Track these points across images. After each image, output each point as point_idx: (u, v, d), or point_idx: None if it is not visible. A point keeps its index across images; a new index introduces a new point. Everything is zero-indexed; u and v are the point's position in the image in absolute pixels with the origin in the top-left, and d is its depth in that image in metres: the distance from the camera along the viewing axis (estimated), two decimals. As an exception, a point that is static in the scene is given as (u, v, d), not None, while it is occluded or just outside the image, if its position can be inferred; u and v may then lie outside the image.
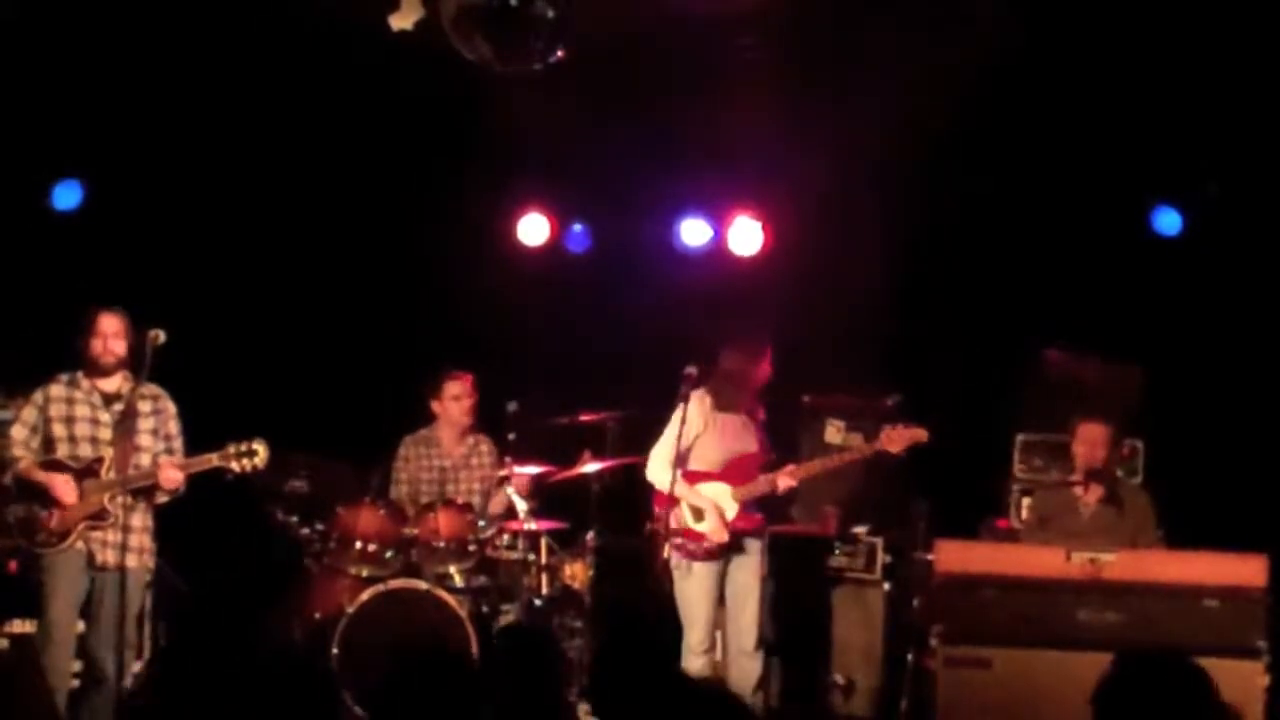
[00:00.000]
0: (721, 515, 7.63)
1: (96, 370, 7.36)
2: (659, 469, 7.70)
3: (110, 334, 7.35)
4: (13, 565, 7.86)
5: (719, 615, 7.78)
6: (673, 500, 7.66)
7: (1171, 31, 8.06)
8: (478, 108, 8.55)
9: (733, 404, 7.75)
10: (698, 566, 7.66)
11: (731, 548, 7.70)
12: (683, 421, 7.59)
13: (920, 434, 7.67)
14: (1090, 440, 7.76)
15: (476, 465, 8.71)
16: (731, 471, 7.72)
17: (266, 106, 9.11)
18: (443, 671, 4.39)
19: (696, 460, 7.73)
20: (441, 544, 8.17)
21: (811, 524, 8.79)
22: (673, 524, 7.64)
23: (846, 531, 8.84)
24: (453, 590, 8.05)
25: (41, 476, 7.25)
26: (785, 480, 7.71)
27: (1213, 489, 8.50)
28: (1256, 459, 8.81)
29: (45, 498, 7.23)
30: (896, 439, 7.67)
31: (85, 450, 7.31)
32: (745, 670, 7.63)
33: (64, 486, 7.23)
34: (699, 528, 7.65)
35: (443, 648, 4.59)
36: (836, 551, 8.85)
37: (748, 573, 7.71)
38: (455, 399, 8.65)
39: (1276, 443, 8.82)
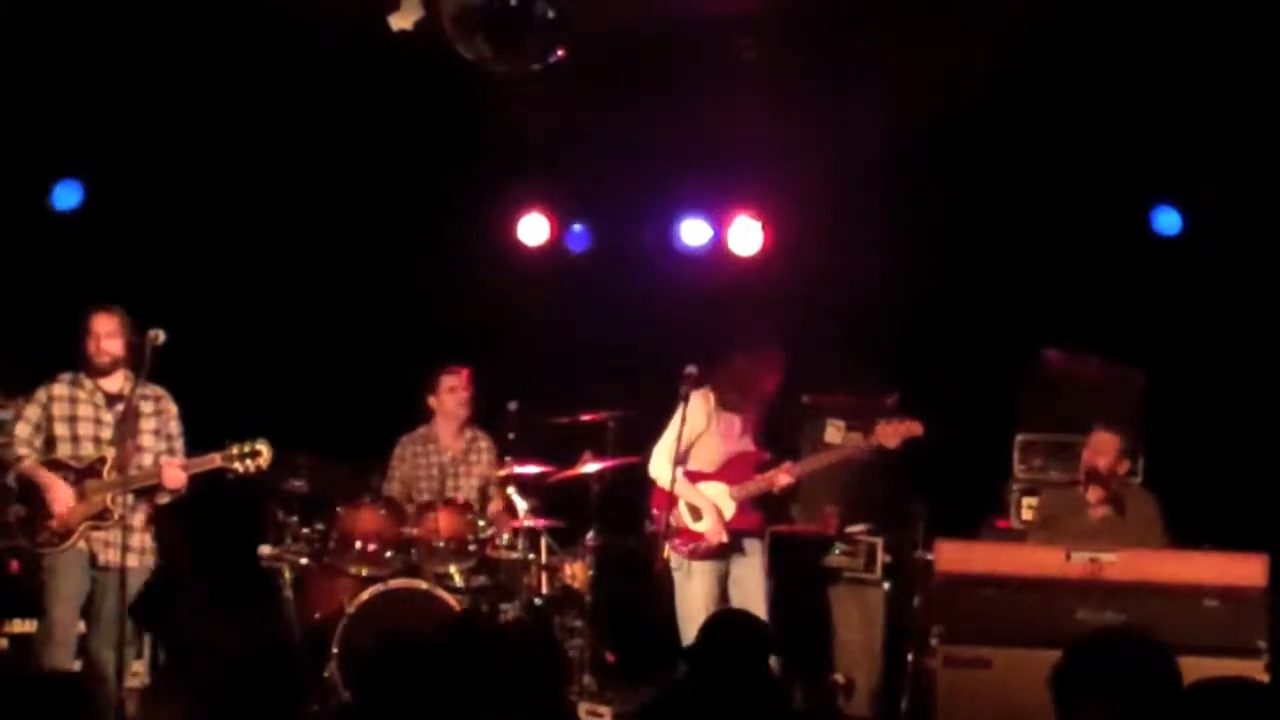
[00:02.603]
0: (720, 515, 7.61)
1: (93, 370, 7.37)
2: (661, 466, 7.69)
3: (104, 334, 7.35)
4: (14, 565, 7.86)
5: None
6: (671, 500, 7.65)
7: (1171, 31, 8.06)
8: (478, 108, 8.55)
9: (736, 405, 7.72)
10: (697, 566, 7.64)
11: (732, 548, 7.68)
12: (683, 420, 7.59)
13: (915, 427, 7.63)
14: (1095, 447, 7.75)
15: (475, 461, 8.71)
16: (729, 471, 7.71)
17: (266, 106, 9.10)
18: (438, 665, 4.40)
19: (696, 460, 7.72)
20: (441, 544, 8.18)
21: (811, 524, 8.79)
22: (671, 524, 7.63)
23: (846, 531, 8.83)
24: (453, 590, 8.06)
25: (43, 477, 7.25)
26: (783, 478, 7.70)
27: (1213, 489, 8.49)
28: (1256, 459, 8.80)
29: (46, 498, 7.23)
30: (891, 433, 7.64)
31: (88, 450, 7.32)
32: None
33: (60, 493, 7.21)
34: (697, 527, 7.64)
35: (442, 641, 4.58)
36: (836, 551, 8.85)
37: (752, 573, 7.68)
38: (451, 391, 8.68)
39: (1276, 443, 8.82)
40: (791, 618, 8.43)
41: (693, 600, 7.59)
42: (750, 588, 7.67)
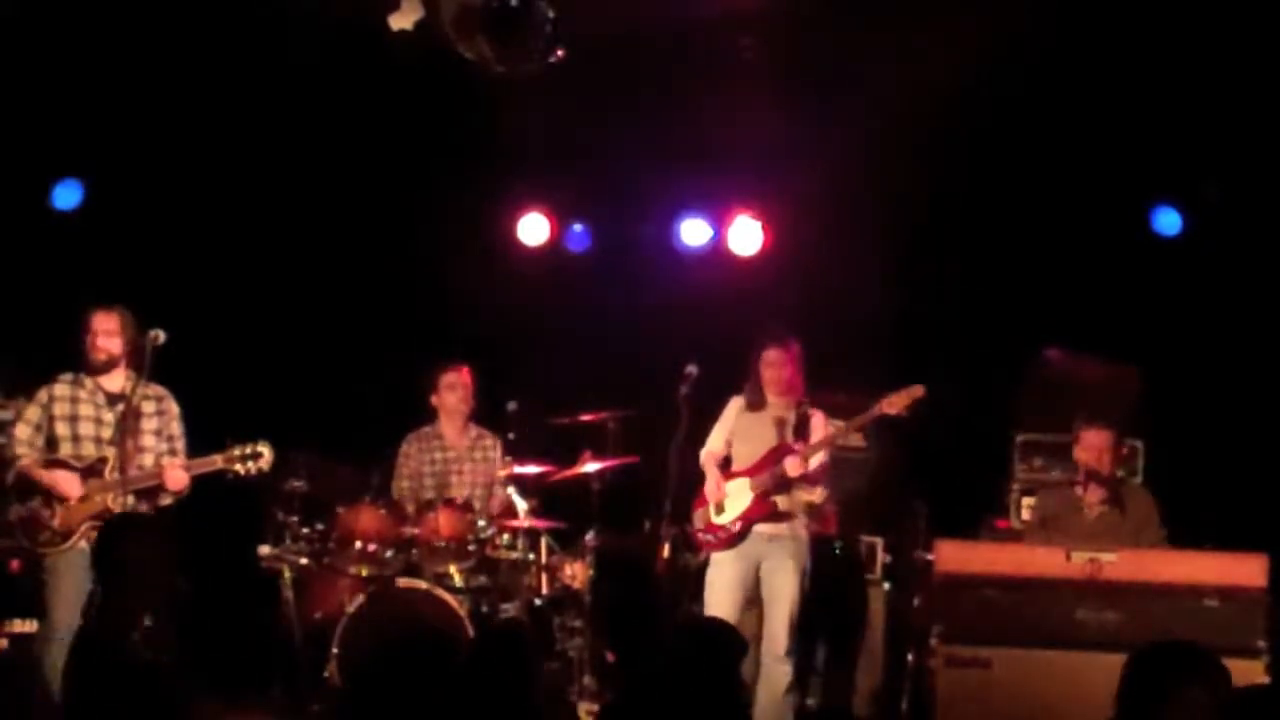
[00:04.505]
0: (720, 485, 7.74)
1: (92, 369, 7.37)
2: (704, 458, 7.89)
3: (101, 332, 7.36)
4: (15, 564, 7.86)
5: (746, 620, 7.71)
6: (704, 499, 7.81)
7: (1172, 31, 8.07)
8: (478, 108, 8.55)
9: (758, 404, 7.80)
10: (718, 556, 7.73)
11: (754, 540, 7.65)
12: (682, 417, 7.69)
13: (917, 390, 7.54)
14: (1092, 446, 7.72)
15: (480, 459, 8.71)
16: (759, 465, 7.73)
17: (266, 106, 9.11)
18: (430, 664, 4.41)
19: (735, 460, 7.85)
20: (441, 543, 8.17)
21: (810, 523, 8.77)
22: (700, 522, 7.80)
23: (846, 531, 8.83)
24: (453, 590, 8.05)
25: (44, 475, 7.26)
26: (791, 463, 7.66)
27: (1213, 489, 8.50)
28: (1256, 459, 8.81)
29: (48, 496, 7.24)
30: (896, 401, 7.57)
31: (89, 450, 7.32)
32: (775, 674, 7.54)
33: (66, 481, 7.23)
34: (718, 521, 7.74)
35: (434, 642, 4.58)
36: (836, 551, 8.84)
37: (784, 576, 7.62)
38: (451, 388, 8.68)
39: (1276, 443, 8.82)
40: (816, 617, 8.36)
41: (715, 589, 7.67)
42: (776, 589, 7.62)
